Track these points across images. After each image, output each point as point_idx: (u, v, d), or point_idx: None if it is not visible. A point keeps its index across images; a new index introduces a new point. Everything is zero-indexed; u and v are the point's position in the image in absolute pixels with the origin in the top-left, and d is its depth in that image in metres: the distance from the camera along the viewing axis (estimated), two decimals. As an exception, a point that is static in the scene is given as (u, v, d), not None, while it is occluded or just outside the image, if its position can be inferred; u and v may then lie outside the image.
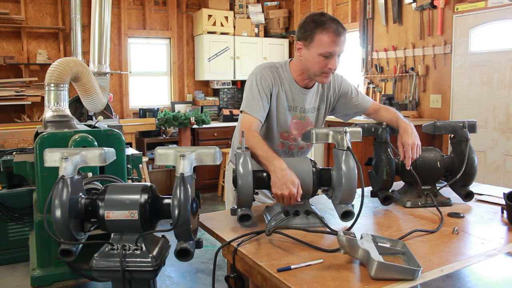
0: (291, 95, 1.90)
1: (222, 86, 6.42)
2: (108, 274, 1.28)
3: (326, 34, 1.70)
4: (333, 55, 1.73)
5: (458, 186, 1.84)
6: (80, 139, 2.43)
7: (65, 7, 5.46)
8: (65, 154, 1.29)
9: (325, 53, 1.72)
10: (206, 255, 3.64)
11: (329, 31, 1.70)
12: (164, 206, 1.34)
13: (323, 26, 1.70)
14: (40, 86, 5.10)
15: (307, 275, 1.15)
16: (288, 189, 1.47)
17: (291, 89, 1.89)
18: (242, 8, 6.44)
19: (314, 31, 1.72)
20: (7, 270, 3.40)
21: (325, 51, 1.71)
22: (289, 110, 1.91)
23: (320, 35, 1.71)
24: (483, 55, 4.08)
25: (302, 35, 1.77)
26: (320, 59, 1.74)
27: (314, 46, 1.73)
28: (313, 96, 1.95)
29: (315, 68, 1.77)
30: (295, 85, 1.89)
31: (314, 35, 1.72)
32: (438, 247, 1.35)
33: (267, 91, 1.84)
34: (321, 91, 1.98)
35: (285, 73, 1.90)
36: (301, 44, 1.79)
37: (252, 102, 1.82)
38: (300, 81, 1.89)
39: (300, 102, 1.91)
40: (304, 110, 1.94)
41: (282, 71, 1.90)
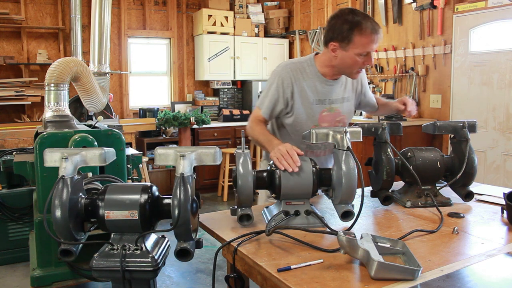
0: (317, 88, 1.92)
1: (222, 86, 6.42)
2: (108, 274, 1.28)
3: (365, 35, 1.73)
4: (370, 52, 1.78)
5: (458, 186, 1.84)
6: (80, 139, 2.43)
7: (65, 7, 5.46)
8: (65, 154, 1.29)
9: (363, 52, 1.76)
10: (206, 255, 3.64)
11: (367, 32, 1.73)
12: (164, 206, 1.34)
13: (360, 28, 1.72)
14: (40, 86, 5.10)
15: (307, 275, 1.15)
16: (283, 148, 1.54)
17: (317, 82, 1.92)
18: (242, 8, 6.44)
19: (352, 32, 1.73)
20: (7, 270, 3.40)
21: (364, 50, 1.76)
22: (316, 103, 1.94)
23: (359, 37, 1.73)
24: (483, 55, 4.08)
25: (337, 37, 1.78)
26: (358, 58, 1.78)
27: (353, 48, 1.76)
28: (341, 87, 1.99)
29: (353, 67, 1.82)
30: (321, 78, 1.92)
31: (352, 37, 1.74)
32: (438, 247, 1.35)
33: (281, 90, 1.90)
34: (350, 82, 2.02)
35: (310, 68, 1.92)
36: (336, 45, 1.80)
37: (263, 99, 1.94)
38: (327, 75, 1.92)
39: (327, 94, 1.95)
40: (332, 101, 1.97)
41: (306, 66, 1.93)
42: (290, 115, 1.95)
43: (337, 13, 1.81)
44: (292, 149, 1.55)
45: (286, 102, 1.92)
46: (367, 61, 1.80)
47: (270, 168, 1.58)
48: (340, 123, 2.01)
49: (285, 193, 1.53)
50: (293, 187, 1.52)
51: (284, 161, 1.52)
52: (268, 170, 1.58)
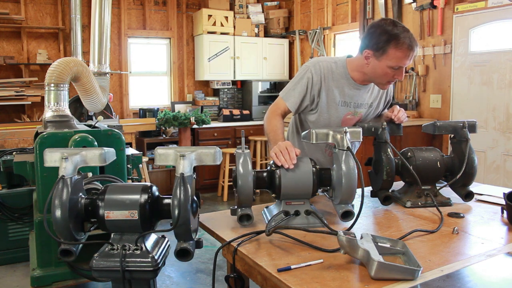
0: (345, 90, 1.92)
1: (222, 86, 6.42)
2: (108, 274, 1.28)
3: (400, 49, 1.71)
4: (402, 67, 1.77)
5: (458, 186, 1.84)
6: (80, 139, 2.43)
7: (65, 7, 5.46)
8: (65, 154, 1.29)
9: (396, 66, 1.75)
10: (206, 255, 3.64)
11: (403, 47, 1.70)
12: (164, 206, 1.34)
13: (397, 41, 1.70)
14: (40, 86, 5.10)
15: (307, 275, 1.15)
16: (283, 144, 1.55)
17: (345, 84, 1.92)
18: (242, 8, 6.44)
19: (388, 44, 1.71)
20: (7, 270, 3.40)
21: (396, 65, 1.74)
22: (341, 105, 1.94)
23: (394, 50, 1.71)
24: (483, 55, 4.08)
25: (373, 45, 1.76)
26: (389, 70, 1.77)
27: (386, 59, 1.74)
28: (369, 92, 1.99)
29: (383, 78, 1.82)
30: (350, 81, 1.92)
31: (387, 49, 1.72)
32: (438, 247, 1.35)
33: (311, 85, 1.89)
34: (379, 90, 2.01)
35: (341, 69, 1.92)
36: (371, 54, 1.79)
37: (290, 92, 1.92)
38: (356, 79, 1.91)
39: (353, 97, 1.95)
40: (357, 105, 1.97)
41: (337, 66, 1.92)
42: (314, 112, 1.95)
43: (378, 22, 1.79)
44: (291, 147, 1.56)
45: (312, 98, 1.91)
46: (398, 75, 1.79)
47: (270, 168, 1.58)
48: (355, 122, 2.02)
49: (285, 193, 1.53)
50: (293, 187, 1.52)
51: (282, 157, 1.53)
52: (268, 170, 1.58)
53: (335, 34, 5.93)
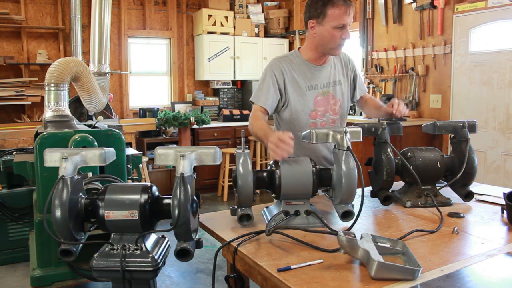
0: (307, 75, 2.02)
1: (222, 86, 6.42)
2: (108, 274, 1.28)
3: (337, 7, 1.86)
4: (346, 26, 1.89)
5: (458, 186, 1.84)
6: (80, 139, 2.43)
7: (65, 7, 5.46)
8: (65, 154, 1.29)
9: (338, 24, 1.87)
10: (206, 255, 3.64)
11: (338, 3, 1.86)
12: (164, 206, 1.34)
13: (332, 1, 1.87)
14: (40, 86, 5.10)
15: (307, 275, 1.15)
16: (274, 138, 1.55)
17: (305, 69, 2.03)
18: (242, 8, 6.44)
19: (325, 7, 1.88)
20: (7, 270, 3.40)
21: (339, 23, 1.87)
22: (308, 89, 2.03)
23: (332, 10, 1.86)
24: (483, 55, 4.08)
25: (313, 14, 1.92)
26: (335, 31, 1.89)
27: (328, 21, 1.88)
28: (330, 70, 2.07)
29: (332, 41, 1.92)
30: (308, 64, 2.03)
31: (325, 11, 1.88)
32: (438, 247, 1.35)
33: (275, 80, 2.00)
34: (340, 66, 2.11)
35: (296, 58, 2.04)
36: (314, 22, 1.94)
37: (257, 92, 2.02)
38: (313, 60, 2.03)
39: (317, 79, 2.04)
40: (324, 86, 2.06)
41: (292, 57, 2.05)
42: (285, 106, 2.03)
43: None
44: (283, 135, 1.56)
45: (280, 92, 2.01)
46: (344, 34, 1.90)
47: (270, 168, 1.58)
48: (336, 106, 2.07)
49: (285, 193, 1.53)
50: (293, 187, 1.52)
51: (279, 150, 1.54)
52: (268, 170, 1.58)
53: (335, 34, 5.92)
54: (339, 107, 2.09)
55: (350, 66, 2.15)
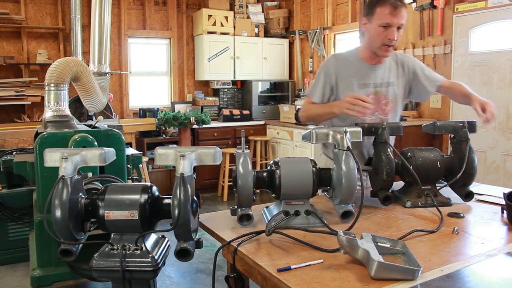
0: (360, 73, 2.06)
1: (222, 86, 6.42)
2: (108, 274, 1.28)
3: (384, 6, 1.90)
4: (391, 26, 1.91)
5: (458, 186, 1.84)
6: (80, 139, 2.43)
7: (65, 7, 5.46)
8: (65, 154, 1.29)
9: (383, 23, 1.91)
10: (206, 255, 3.64)
11: (386, 3, 1.90)
12: (164, 206, 1.34)
13: (382, 1, 1.92)
14: (40, 86, 5.10)
15: (307, 275, 1.15)
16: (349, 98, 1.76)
17: (359, 67, 2.07)
18: (242, 8, 6.44)
19: (375, 5, 1.94)
20: (7, 270, 3.40)
21: (384, 21, 1.91)
22: (360, 87, 2.06)
23: (380, 8, 1.92)
24: (483, 55, 4.08)
25: (365, 12, 2.01)
26: (380, 30, 1.93)
27: (375, 19, 1.94)
28: (385, 71, 2.09)
29: (377, 39, 1.96)
30: (363, 63, 2.07)
31: (374, 9, 1.94)
32: (438, 247, 1.35)
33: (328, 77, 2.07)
34: (395, 68, 2.12)
35: (352, 56, 2.11)
36: (365, 20, 2.01)
37: (312, 88, 2.12)
38: (368, 59, 2.07)
39: (370, 78, 2.07)
40: (377, 85, 2.08)
41: (349, 55, 2.12)
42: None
43: None
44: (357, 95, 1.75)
45: (331, 87, 2.07)
46: (389, 35, 1.92)
47: (270, 168, 1.58)
48: (387, 106, 2.09)
49: (285, 193, 1.53)
50: (293, 187, 1.52)
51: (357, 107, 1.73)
52: (268, 170, 1.58)
53: (335, 34, 5.93)
54: (391, 108, 2.10)
55: (406, 67, 2.13)
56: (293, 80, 6.61)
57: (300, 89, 6.32)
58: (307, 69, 6.38)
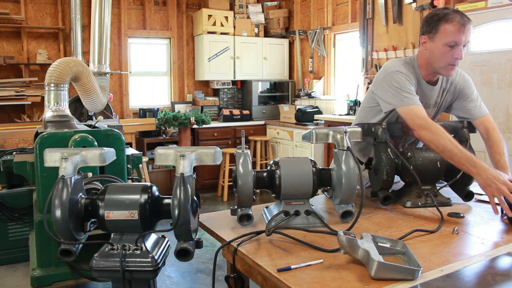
0: (420, 91, 1.91)
1: (222, 86, 6.42)
2: (108, 274, 1.28)
3: (451, 23, 1.74)
4: (459, 44, 1.75)
5: (458, 186, 1.84)
6: (80, 139, 2.43)
7: (65, 7, 5.46)
8: (65, 154, 1.29)
9: (450, 42, 1.75)
10: (206, 255, 3.64)
11: (454, 20, 1.74)
12: (164, 206, 1.34)
13: (447, 17, 1.75)
14: (40, 86, 5.10)
15: (307, 275, 1.15)
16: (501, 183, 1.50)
17: (420, 85, 1.91)
18: (242, 8, 6.44)
19: (439, 22, 1.76)
20: (7, 270, 3.40)
21: (451, 40, 1.74)
22: None
23: (445, 25, 1.75)
24: (483, 55, 4.08)
25: (426, 29, 1.81)
26: (445, 49, 1.76)
27: (439, 37, 1.77)
28: (438, 91, 1.96)
29: (441, 59, 1.79)
30: (422, 81, 1.91)
31: (438, 26, 1.76)
32: (438, 247, 1.35)
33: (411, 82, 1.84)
34: (445, 86, 1.98)
35: (415, 70, 1.91)
36: (426, 38, 1.82)
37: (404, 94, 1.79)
38: (425, 76, 1.91)
39: (426, 98, 1.94)
40: (428, 106, 1.95)
41: (411, 69, 1.90)
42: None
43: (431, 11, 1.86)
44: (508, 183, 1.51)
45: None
46: (457, 54, 1.76)
47: (270, 168, 1.58)
48: None
49: (285, 193, 1.53)
50: (293, 187, 1.52)
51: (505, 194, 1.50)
52: (268, 170, 1.58)
53: (335, 34, 5.93)
54: None
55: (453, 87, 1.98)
56: (293, 80, 6.61)
57: (300, 89, 6.32)
58: (307, 69, 6.38)
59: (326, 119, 5.33)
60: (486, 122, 1.94)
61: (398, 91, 1.80)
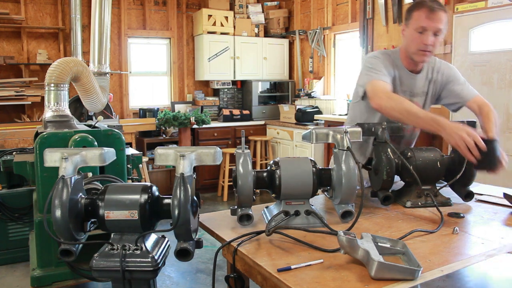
0: (401, 79, 1.99)
1: (222, 86, 6.42)
2: (108, 274, 1.28)
3: (421, 9, 1.83)
4: (427, 30, 1.83)
5: (458, 186, 1.84)
6: (80, 139, 2.43)
7: (65, 7, 5.47)
8: (65, 154, 1.29)
9: (418, 28, 1.83)
10: (206, 255, 3.64)
11: (423, 7, 1.83)
12: (164, 206, 1.34)
13: (419, 5, 1.85)
14: (40, 86, 5.10)
15: (307, 275, 1.15)
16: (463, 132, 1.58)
17: (401, 74, 1.99)
18: (242, 8, 6.44)
19: (412, 10, 1.88)
20: (7, 270, 3.40)
21: (419, 25, 1.83)
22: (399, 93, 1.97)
23: (416, 12, 1.85)
24: (483, 55, 4.08)
25: (405, 17, 1.94)
26: (416, 35, 1.85)
27: (411, 23, 1.87)
28: (423, 80, 2.02)
29: (412, 44, 1.88)
30: (404, 70, 1.99)
31: (411, 13, 1.88)
32: (438, 247, 1.35)
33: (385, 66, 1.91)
34: (431, 77, 2.04)
35: (397, 60, 2.00)
36: (404, 26, 1.94)
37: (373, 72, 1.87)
38: (407, 65, 1.99)
39: (409, 86, 2.00)
40: (413, 94, 2.01)
41: (394, 57, 2.00)
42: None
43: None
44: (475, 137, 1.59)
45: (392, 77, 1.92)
46: (425, 39, 1.83)
47: (270, 168, 1.58)
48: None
49: (285, 193, 1.53)
50: (293, 187, 1.52)
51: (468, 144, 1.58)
52: (268, 170, 1.58)
53: (335, 34, 5.93)
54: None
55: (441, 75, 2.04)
56: (293, 80, 6.61)
57: (300, 89, 6.32)
58: (307, 69, 6.38)
59: (326, 119, 5.33)
60: (478, 100, 2.03)
61: (369, 71, 1.89)
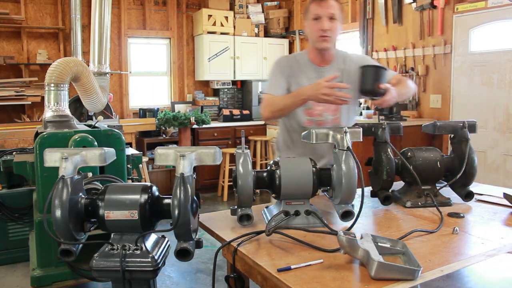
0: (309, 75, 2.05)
1: (222, 86, 6.42)
2: (108, 274, 1.28)
3: (314, 1, 1.97)
4: (321, 17, 1.94)
5: (458, 186, 1.84)
6: (80, 139, 2.43)
7: (65, 7, 5.46)
8: (65, 154, 1.29)
9: (314, 16, 1.95)
10: (206, 255, 3.64)
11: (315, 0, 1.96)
12: (164, 206, 1.34)
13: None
14: (40, 86, 5.10)
15: (307, 275, 1.15)
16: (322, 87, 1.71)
17: (309, 70, 2.07)
18: (242, 8, 6.44)
19: (309, 5, 2.00)
20: (7, 270, 3.40)
21: (314, 14, 1.95)
22: None
23: (310, 5, 1.98)
24: (483, 55, 4.08)
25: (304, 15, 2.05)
26: (313, 23, 1.97)
27: (308, 16, 2.00)
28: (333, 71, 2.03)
29: (312, 33, 1.99)
30: (312, 65, 2.07)
31: (308, 8, 2.00)
32: (438, 247, 1.35)
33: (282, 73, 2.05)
34: (342, 67, 2.09)
35: (302, 57, 2.10)
36: (304, 22, 2.05)
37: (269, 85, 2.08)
38: (314, 59, 2.07)
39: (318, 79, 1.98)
40: None
41: (298, 55, 2.13)
42: None
43: None
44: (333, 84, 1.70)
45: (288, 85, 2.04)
46: (321, 25, 1.94)
47: (270, 168, 1.58)
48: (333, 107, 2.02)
49: (285, 193, 1.53)
50: (293, 187, 1.52)
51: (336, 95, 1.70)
52: (268, 170, 1.58)
53: (335, 34, 5.92)
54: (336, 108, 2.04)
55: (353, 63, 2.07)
56: (293, 80, 6.60)
57: (300, 89, 6.32)
58: (307, 69, 6.38)
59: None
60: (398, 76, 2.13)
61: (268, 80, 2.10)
